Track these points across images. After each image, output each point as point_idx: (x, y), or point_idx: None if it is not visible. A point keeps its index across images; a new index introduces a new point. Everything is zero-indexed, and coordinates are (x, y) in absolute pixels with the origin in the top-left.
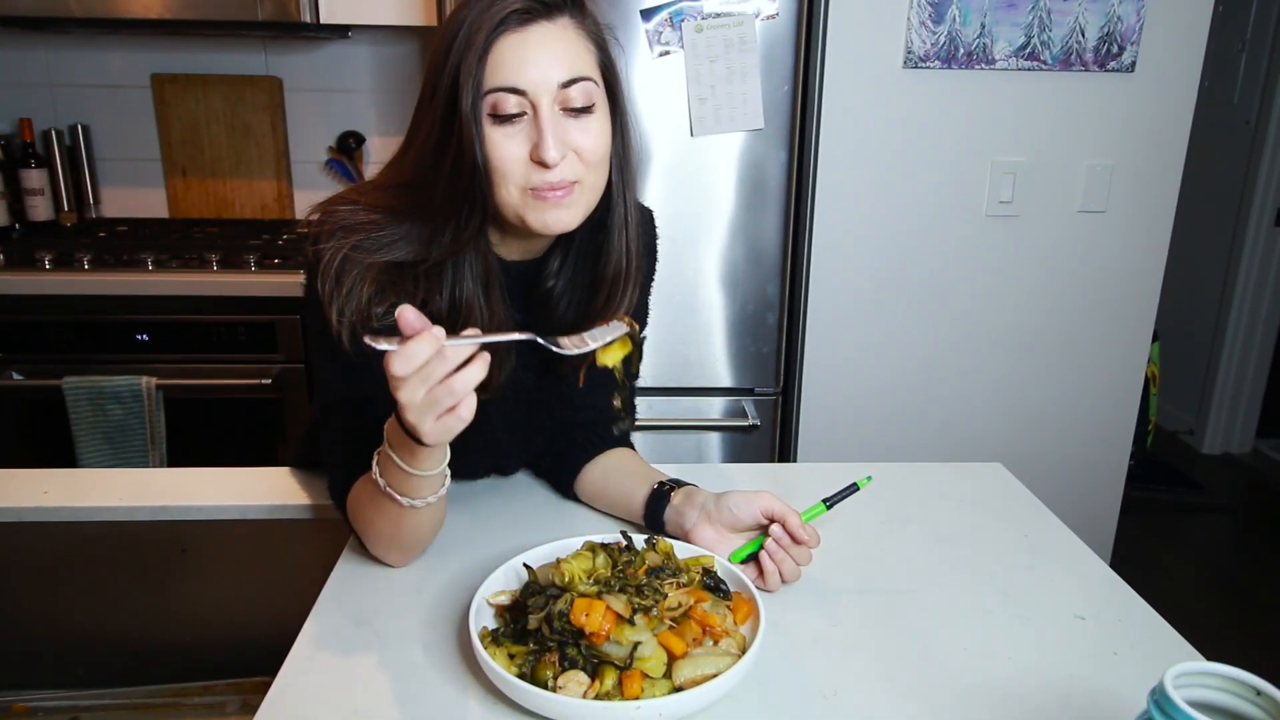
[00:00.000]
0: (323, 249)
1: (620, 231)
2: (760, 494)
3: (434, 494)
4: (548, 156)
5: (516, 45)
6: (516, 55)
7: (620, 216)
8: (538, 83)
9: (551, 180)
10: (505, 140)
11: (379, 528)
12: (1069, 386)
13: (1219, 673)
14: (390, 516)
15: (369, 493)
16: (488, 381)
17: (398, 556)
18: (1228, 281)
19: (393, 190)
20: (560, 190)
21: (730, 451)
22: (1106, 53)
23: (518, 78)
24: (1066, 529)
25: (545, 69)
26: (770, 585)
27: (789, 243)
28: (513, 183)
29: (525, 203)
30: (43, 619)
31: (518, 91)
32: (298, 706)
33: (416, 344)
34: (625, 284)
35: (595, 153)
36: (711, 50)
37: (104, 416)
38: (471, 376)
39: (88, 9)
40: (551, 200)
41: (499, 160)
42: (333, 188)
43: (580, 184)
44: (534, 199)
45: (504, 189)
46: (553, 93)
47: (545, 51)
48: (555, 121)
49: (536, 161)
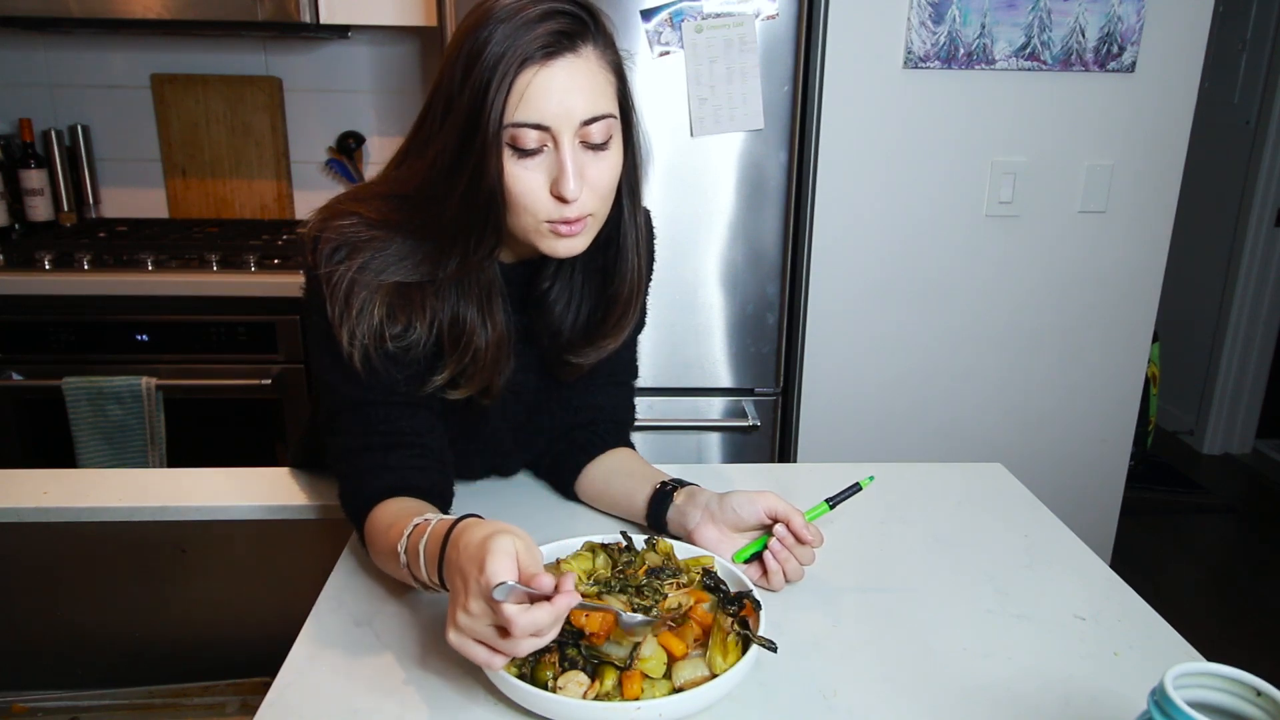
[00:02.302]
0: (330, 271)
1: (632, 253)
2: (764, 494)
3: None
4: (568, 192)
5: (544, 80)
6: (542, 90)
7: (632, 240)
8: (560, 119)
9: (569, 215)
10: (525, 173)
11: (393, 570)
12: (1069, 386)
13: (1219, 673)
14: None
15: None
16: (489, 387)
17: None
18: (1228, 281)
19: (395, 202)
20: (577, 223)
21: (730, 452)
22: (1106, 53)
23: (542, 114)
24: (1066, 529)
25: (569, 106)
26: (774, 585)
27: (789, 243)
28: (531, 214)
29: (540, 232)
30: (43, 619)
31: (541, 128)
32: (298, 706)
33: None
34: (635, 301)
35: (606, 184)
36: (711, 50)
37: (104, 416)
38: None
39: (88, 9)
40: (566, 234)
41: (519, 194)
42: (333, 188)
43: (593, 216)
44: (549, 230)
45: (521, 219)
46: (574, 128)
47: (571, 87)
48: (575, 156)
49: (556, 196)
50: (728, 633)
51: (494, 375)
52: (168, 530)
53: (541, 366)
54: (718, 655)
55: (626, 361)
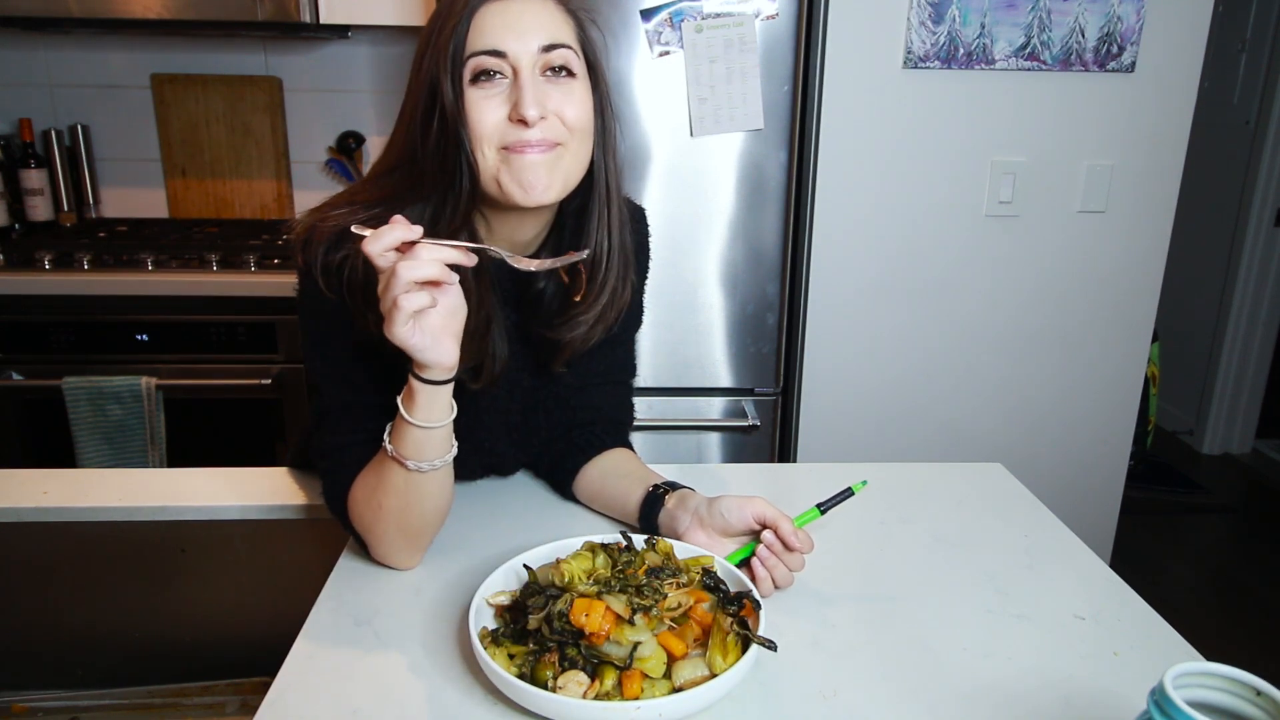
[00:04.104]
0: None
1: (601, 212)
2: (753, 499)
3: (441, 458)
4: (527, 113)
5: (498, 13)
6: (498, 21)
7: (601, 195)
8: (518, 46)
9: (530, 138)
10: (484, 101)
11: (387, 509)
12: (1069, 386)
13: (1219, 673)
14: (399, 492)
15: (374, 476)
16: (482, 371)
17: (404, 544)
18: (1228, 281)
19: (385, 177)
20: (539, 146)
21: (730, 452)
22: (1106, 53)
23: (498, 41)
24: (1066, 529)
25: (525, 34)
26: (763, 591)
27: (789, 243)
28: (490, 144)
29: (502, 165)
30: (42, 619)
31: (498, 54)
32: (298, 706)
33: (389, 228)
34: (604, 272)
35: (578, 120)
36: (711, 50)
37: (104, 416)
38: (424, 270)
39: (88, 9)
40: (529, 155)
41: (476, 121)
42: (333, 188)
43: (563, 147)
44: (512, 155)
45: (481, 152)
46: (533, 56)
47: (526, 18)
48: (536, 84)
49: (516, 120)
50: (727, 633)
51: (483, 347)
52: (167, 530)
53: (537, 366)
54: (717, 655)
55: (623, 360)
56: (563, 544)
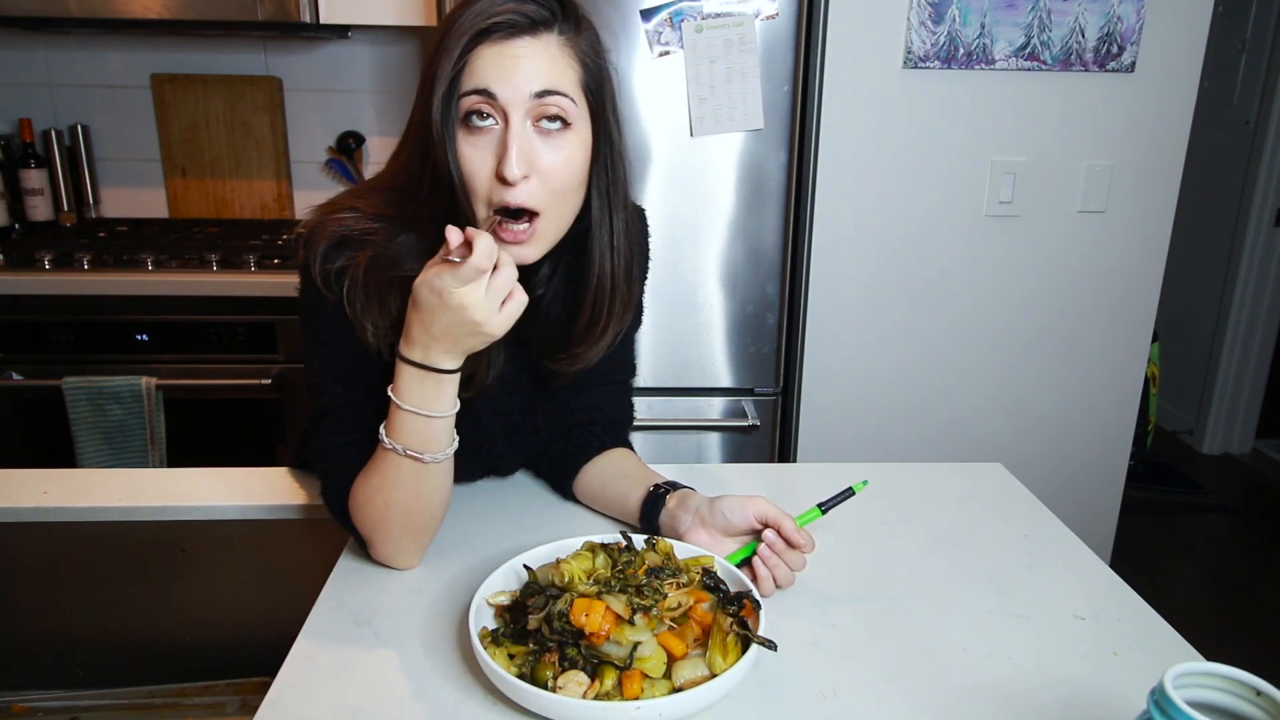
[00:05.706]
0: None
1: (604, 256)
2: (754, 499)
3: (452, 446)
4: (509, 173)
5: (495, 54)
6: (493, 60)
7: (604, 241)
8: (508, 90)
9: (509, 201)
10: (473, 151)
11: (394, 505)
12: (1069, 386)
13: (1219, 673)
14: (408, 487)
15: (378, 475)
16: (474, 379)
17: (409, 542)
18: (1228, 281)
19: (389, 195)
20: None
21: (730, 452)
22: (1106, 53)
23: (489, 81)
24: (1066, 529)
25: (518, 79)
26: (764, 591)
27: (789, 243)
28: (481, 202)
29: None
30: (43, 619)
31: (488, 95)
32: (298, 706)
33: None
34: (608, 308)
35: (562, 179)
36: (711, 50)
37: (104, 416)
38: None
39: (88, 9)
40: (510, 240)
41: (466, 174)
42: (333, 188)
43: (541, 217)
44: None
45: (474, 205)
46: (525, 103)
47: (524, 60)
48: (524, 136)
49: (498, 177)
50: (727, 632)
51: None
52: (167, 530)
53: (534, 365)
54: (717, 655)
55: (623, 359)
56: (563, 544)
